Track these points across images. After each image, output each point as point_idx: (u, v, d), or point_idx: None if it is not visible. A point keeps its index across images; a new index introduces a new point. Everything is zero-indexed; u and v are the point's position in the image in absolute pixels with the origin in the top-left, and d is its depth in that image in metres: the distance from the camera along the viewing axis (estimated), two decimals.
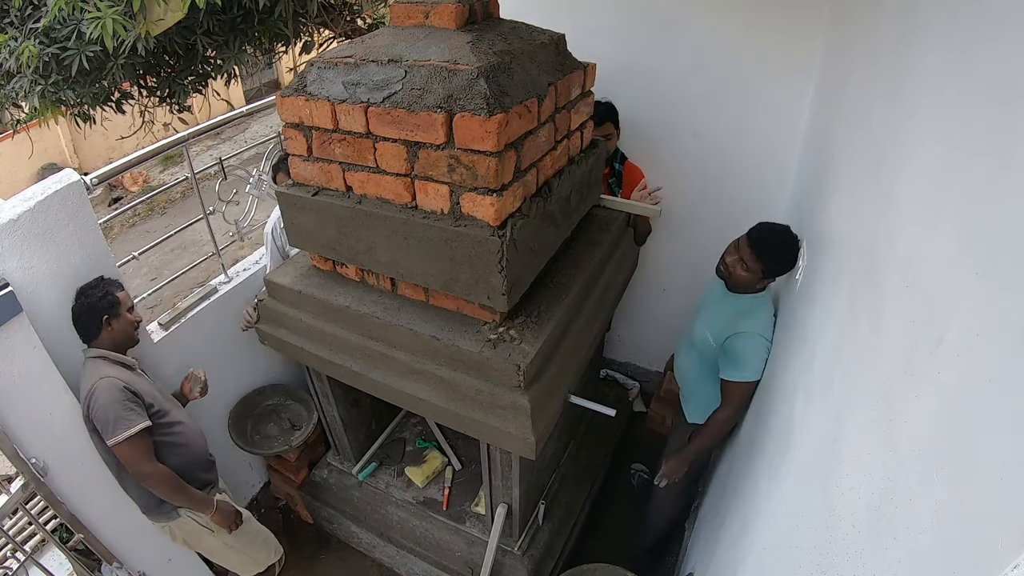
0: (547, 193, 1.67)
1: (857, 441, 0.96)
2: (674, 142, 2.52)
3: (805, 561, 1.03)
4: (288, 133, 1.68)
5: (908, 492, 0.74)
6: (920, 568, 0.67)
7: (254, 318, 2.07)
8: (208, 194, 2.46)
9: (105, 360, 1.80)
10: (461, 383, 1.67)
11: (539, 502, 2.32)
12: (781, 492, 1.33)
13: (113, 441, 1.69)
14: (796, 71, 2.13)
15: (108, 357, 1.82)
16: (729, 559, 1.59)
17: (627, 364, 3.38)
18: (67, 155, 8.68)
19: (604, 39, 2.35)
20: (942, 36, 0.99)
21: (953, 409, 0.69)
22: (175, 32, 2.71)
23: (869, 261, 1.13)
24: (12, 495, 1.81)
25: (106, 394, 1.71)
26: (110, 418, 1.70)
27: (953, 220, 0.80)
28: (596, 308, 2.01)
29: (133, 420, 1.72)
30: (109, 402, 1.70)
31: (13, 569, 1.93)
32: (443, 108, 1.37)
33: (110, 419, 1.70)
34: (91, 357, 1.81)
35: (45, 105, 2.95)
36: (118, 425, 1.70)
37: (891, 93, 1.21)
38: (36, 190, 1.74)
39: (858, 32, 1.62)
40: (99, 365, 1.78)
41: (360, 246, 1.70)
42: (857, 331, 1.10)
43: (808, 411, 1.30)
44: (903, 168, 1.06)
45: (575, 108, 1.79)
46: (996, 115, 0.73)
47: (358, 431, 2.55)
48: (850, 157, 1.48)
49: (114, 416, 1.70)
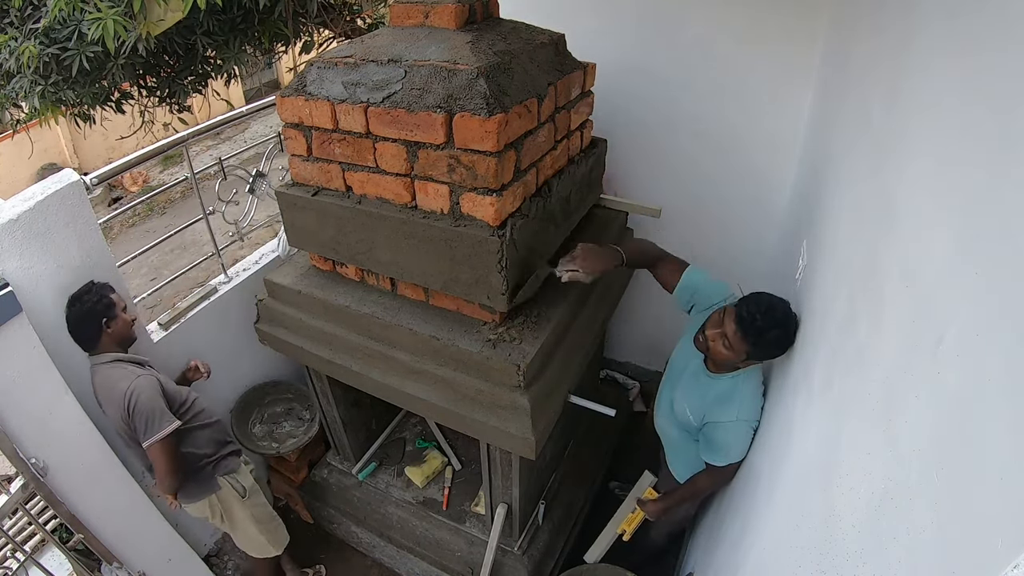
0: (547, 193, 1.68)
1: (857, 441, 0.96)
2: (674, 142, 2.52)
3: (805, 561, 1.03)
4: (288, 133, 1.68)
5: (908, 492, 0.74)
6: (920, 568, 0.67)
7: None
8: (208, 194, 2.46)
9: (121, 362, 1.80)
10: (461, 383, 1.67)
11: (539, 502, 2.32)
12: (781, 492, 1.33)
13: (151, 440, 1.72)
14: (796, 71, 2.13)
15: (122, 359, 1.81)
16: (729, 559, 1.59)
17: (627, 364, 3.38)
18: (67, 155, 8.68)
19: (604, 39, 2.35)
20: (942, 38, 0.99)
21: (953, 409, 0.69)
22: (175, 32, 2.71)
23: (869, 261, 1.13)
24: (12, 495, 1.80)
25: (146, 392, 1.73)
26: (151, 416, 1.72)
27: (953, 220, 0.80)
28: (596, 308, 2.00)
29: (168, 419, 1.75)
30: (151, 399, 1.73)
31: (13, 569, 1.92)
32: (443, 108, 1.37)
33: (153, 417, 1.72)
34: (106, 362, 1.79)
35: (45, 105, 2.95)
36: (160, 423, 1.72)
37: (891, 93, 1.21)
38: (36, 190, 1.74)
39: (858, 32, 1.62)
40: (123, 367, 1.79)
41: (360, 246, 1.70)
42: (857, 331, 1.10)
43: (808, 411, 1.30)
44: (903, 168, 1.06)
45: (575, 108, 1.79)
46: (996, 115, 0.73)
47: (358, 431, 2.55)
48: (850, 157, 1.48)
49: (156, 414, 1.73)
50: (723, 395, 1.71)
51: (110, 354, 1.81)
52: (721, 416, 1.69)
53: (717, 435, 1.71)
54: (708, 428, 1.73)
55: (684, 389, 1.83)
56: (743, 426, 1.67)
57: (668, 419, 1.93)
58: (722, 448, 1.71)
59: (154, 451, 1.75)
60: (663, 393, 2.00)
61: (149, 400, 1.72)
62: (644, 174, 2.66)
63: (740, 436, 1.68)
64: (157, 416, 1.72)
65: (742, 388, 1.69)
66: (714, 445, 1.73)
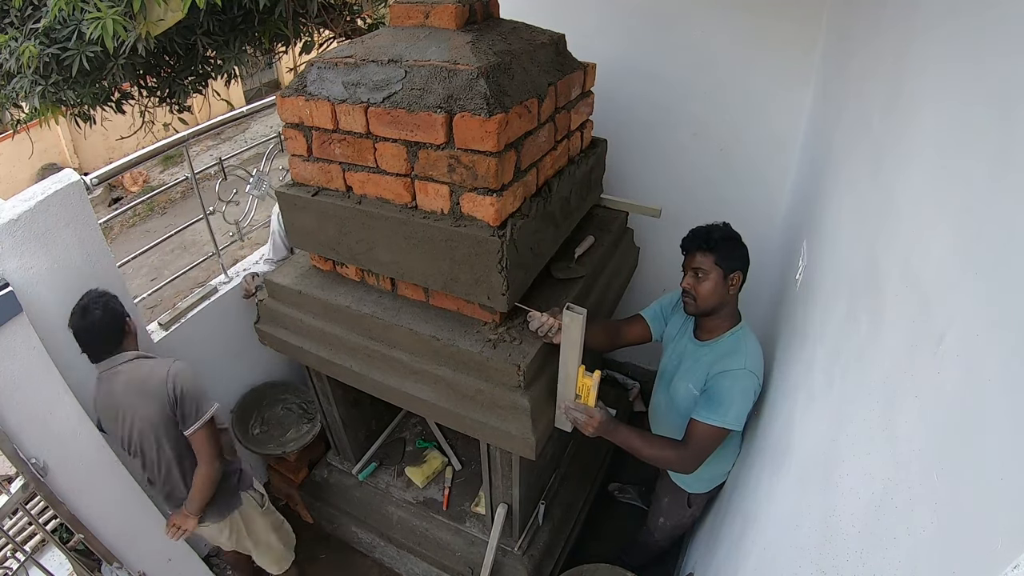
0: (547, 193, 1.68)
1: (857, 441, 0.96)
2: (674, 142, 2.52)
3: (805, 561, 1.03)
4: (288, 133, 1.68)
5: (908, 492, 0.74)
6: (920, 568, 0.67)
7: (252, 287, 2.07)
8: (208, 194, 2.46)
9: (143, 358, 1.77)
10: (461, 383, 1.67)
11: (539, 502, 2.32)
12: (781, 492, 1.33)
13: (200, 422, 1.68)
14: (796, 71, 2.13)
15: (142, 355, 1.79)
16: (730, 559, 1.59)
17: (627, 364, 3.38)
18: (67, 155, 8.68)
19: (604, 39, 2.36)
20: (942, 38, 0.99)
21: (953, 409, 0.69)
22: (175, 32, 2.72)
23: (869, 261, 1.13)
24: (12, 495, 1.80)
25: (188, 372, 1.71)
26: (200, 395, 1.68)
27: (953, 220, 0.80)
28: (596, 308, 2.00)
29: (210, 400, 1.71)
30: (194, 378, 1.69)
31: (13, 569, 1.92)
32: (443, 108, 1.37)
33: (201, 396, 1.68)
34: (127, 361, 1.73)
35: (45, 105, 2.95)
36: (206, 403, 1.69)
37: (892, 93, 1.21)
38: (36, 190, 1.74)
39: (858, 33, 1.62)
40: (146, 361, 1.75)
41: (360, 246, 1.70)
42: (857, 331, 1.10)
43: (808, 411, 1.30)
44: (903, 168, 1.06)
45: (575, 108, 1.79)
46: (996, 115, 0.73)
47: (358, 431, 2.55)
48: (851, 157, 1.48)
49: (204, 393, 1.69)
50: (727, 350, 1.68)
51: (129, 352, 1.76)
52: (730, 365, 1.62)
53: (723, 384, 1.61)
54: (714, 380, 1.63)
55: (683, 374, 1.79)
56: (750, 378, 1.60)
57: (665, 415, 1.92)
58: (724, 400, 1.58)
59: (201, 436, 1.69)
60: (657, 396, 1.98)
61: (195, 379, 1.68)
62: (644, 174, 2.66)
63: (745, 390, 1.59)
64: (205, 396, 1.68)
65: (745, 341, 1.68)
66: (716, 397, 1.60)
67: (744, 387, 1.60)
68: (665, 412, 1.91)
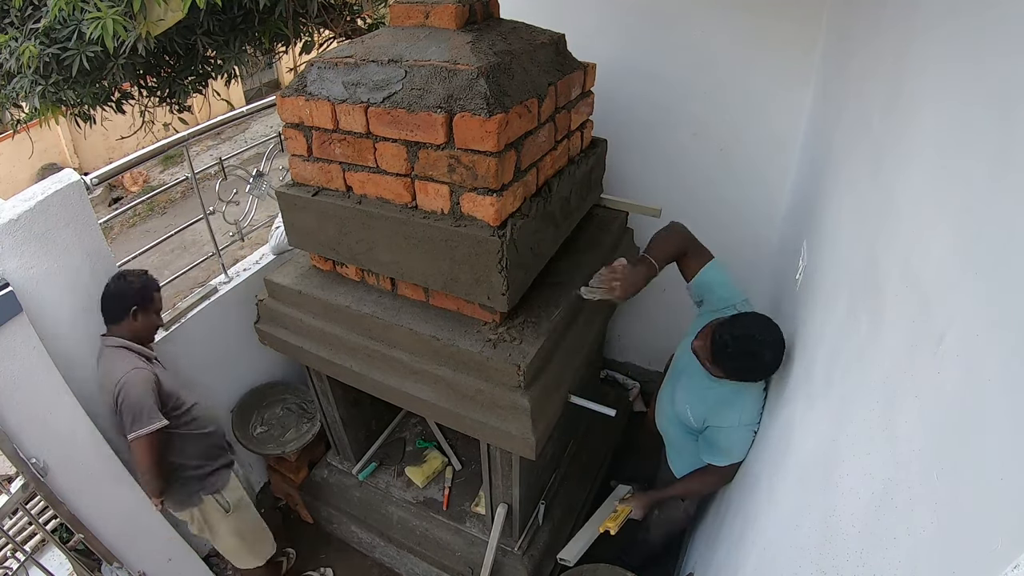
0: (547, 193, 1.67)
1: (857, 441, 0.96)
2: (674, 142, 2.52)
3: (805, 561, 1.03)
4: (288, 133, 1.68)
5: (908, 492, 0.74)
6: (920, 568, 0.67)
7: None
8: (208, 194, 2.46)
9: (128, 350, 1.80)
10: (461, 383, 1.67)
11: (539, 502, 2.32)
12: (781, 492, 1.33)
13: (135, 435, 1.70)
14: (796, 71, 2.13)
15: (131, 347, 1.81)
16: (729, 559, 1.59)
17: (627, 364, 3.38)
18: (67, 155, 8.68)
19: (604, 39, 2.35)
20: (942, 38, 0.99)
21: (953, 409, 0.69)
22: (175, 32, 2.72)
23: (869, 261, 1.13)
24: (12, 495, 1.80)
25: (138, 387, 1.71)
26: (138, 412, 1.70)
27: (953, 220, 0.80)
28: (596, 308, 2.00)
29: (155, 417, 1.73)
30: (141, 394, 1.71)
31: (13, 569, 1.92)
32: (443, 108, 1.37)
33: (139, 412, 1.70)
34: (113, 346, 1.79)
35: (45, 105, 2.95)
36: (144, 419, 1.70)
37: (892, 93, 1.21)
38: (36, 190, 1.74)
39: (858, 33, 1.62)
40: (124, 355, 1.78)
41: (360, 246, 1.70)
42: (857, 331, 1.10)
43: (808, 411, 1.30)
44: (903, 168, 1.06)
45: (575, 108, 1.79)
46: (996, 115, 0.73)
47: (358, 431, 2.55)
48: (851, 157, 1.48)
49: (144, 410, 1.71)
50: (725, 399, 1.69)
51: (120, 339, 1.80)
52: (723, 421, 1.69)
53: (719, 439, 1.72)
54: (710, 432, 1.74)
55: (685, 388, 1.83)
56: (745, 431, 1.68)
57: (669, 417, 1.94)
58: (724, 451, 1.72)
59: (136, 447, 1.73)
60: (664, 390, 2.00)
61: (139, 395, 1.70)
62: (644, 174, 2.66)
63: (742, 439, 1.69)
64: (145, 412, 1.70)
65: (744, 393, 1.67)
66: (715, 447, 1.74)
67: (739, 438, 1.69)
68: (668, 412, 1.94)
